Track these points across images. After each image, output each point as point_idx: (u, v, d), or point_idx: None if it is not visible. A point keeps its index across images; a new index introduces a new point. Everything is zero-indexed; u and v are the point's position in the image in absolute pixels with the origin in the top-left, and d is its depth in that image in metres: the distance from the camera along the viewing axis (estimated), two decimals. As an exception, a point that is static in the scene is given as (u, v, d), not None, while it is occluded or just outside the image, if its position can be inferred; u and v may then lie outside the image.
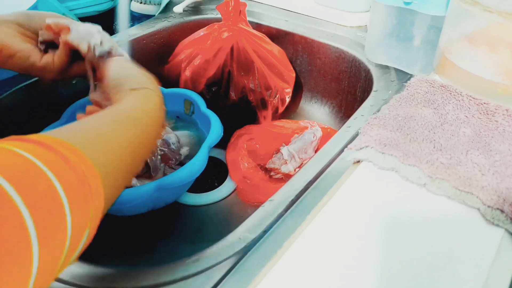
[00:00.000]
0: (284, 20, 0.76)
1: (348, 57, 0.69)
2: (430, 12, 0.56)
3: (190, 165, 0.49)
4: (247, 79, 0.68)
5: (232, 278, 0.35)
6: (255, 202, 0.59)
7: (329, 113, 0.76)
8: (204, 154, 0.51)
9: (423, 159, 0.43)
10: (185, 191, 0.58)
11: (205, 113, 0.58)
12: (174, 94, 0.62)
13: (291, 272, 0.35)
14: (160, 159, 0.54)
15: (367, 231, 0.38)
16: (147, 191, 0.46)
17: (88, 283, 0.36)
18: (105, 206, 0.28)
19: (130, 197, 0.45)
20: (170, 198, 0.55)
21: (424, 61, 0.59)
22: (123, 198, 0.44)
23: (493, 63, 0.52)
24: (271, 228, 0.39)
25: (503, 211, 0.38)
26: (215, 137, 0.53)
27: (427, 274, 0.34)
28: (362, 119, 0.52)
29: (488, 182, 0.40)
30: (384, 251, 0.36)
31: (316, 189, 0.43)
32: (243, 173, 0.62)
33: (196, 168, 0.49)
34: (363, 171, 0.44)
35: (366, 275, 0.34)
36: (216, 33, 0.66)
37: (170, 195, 0.54)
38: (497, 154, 0.44)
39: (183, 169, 0.49)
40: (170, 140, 0.56)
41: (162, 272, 0.36)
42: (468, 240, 0.37)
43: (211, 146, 0.52)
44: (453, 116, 0.49)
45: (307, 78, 0.77)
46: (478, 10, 0.49)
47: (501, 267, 0.35)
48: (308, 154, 0.63)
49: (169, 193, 0.52)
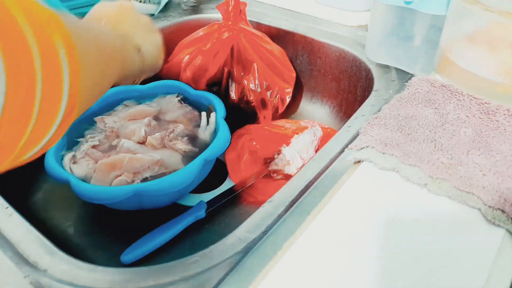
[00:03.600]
0: (285, 20, 0.76)
1: (348, 57, 0.68)
2: (431, 12, 0.55)
3: (174, 176, 0.49)
4: (247, 79, 0.68)
5: (232, 278, 0.35)
6: (255, 202, 0.59)
7: (330, 113, 0.76)
8: (195, 166, 0.50)
9: (424, 159, 0.43)
10: (180, 197, 0.57)
11: (218, 123, 0.58)
12: (202, 96, 0.63)
13: (291, 272, 0.35)
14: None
15: (368, 231, 0.38)
16: (123, 194, 0.47)
17: (88, 283, 0.36)
18: (80, 101, 0.29)
19: (106, 196, 0.47)
20: (159, 202, 0.55)
21: (425, 60, 0.59)
22: (101, 195, 0.47)
23: (494, 62, 0.52)
24: (271, 229, 0.39)
25: (504, 211, 0.38)
26: (215, 152, 0.53)
27: (428, 274, 0.34)
28: (363, 119, 0.52)
29: (489, 182, 0.40)
30: (384, 251, 0.36)
31: (316, 189, 0.43)
32: (243, 173, 0.62)
33: (180, 180, 0.49)
34: (363, 171, 0.44)
35: (366, 275, 0.34)
36: (216, 33, 0.66)
37: (155, 200, 0.53)
38: (498, 154, 0.44)
39: (166, 179, 0.48)
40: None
41: (162, 272, 0.36)
42: (469, 240, 0.37)
43: (208, 159, 0.51)
44: (454, 116, 0.49)
45: (307, 77, 0.77)
46: (479, 10, 0.49)
47: (502, 268, 0.35)
48: (309, 154, 0.62)
49: (153, 199, 0.52)
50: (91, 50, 0.33)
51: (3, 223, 0.42)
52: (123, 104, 0.64)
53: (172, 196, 0.55)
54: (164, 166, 0.53)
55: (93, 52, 0.34)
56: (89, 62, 0.32)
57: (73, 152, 0.54)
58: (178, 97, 0.64)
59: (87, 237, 0.55)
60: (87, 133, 0.58)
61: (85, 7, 0.90)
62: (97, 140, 0.56)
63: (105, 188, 0.49)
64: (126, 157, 0.52)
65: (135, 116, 0.60)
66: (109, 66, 0.39)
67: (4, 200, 0.44)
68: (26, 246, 0.39)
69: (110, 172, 0.51)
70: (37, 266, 0.37)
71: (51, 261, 0.38)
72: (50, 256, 0.38)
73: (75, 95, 0.28)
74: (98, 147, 0.56)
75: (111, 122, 0.59)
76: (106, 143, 0.56)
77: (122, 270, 0.37)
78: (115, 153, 0.54)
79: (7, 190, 0.50)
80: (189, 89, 0.65)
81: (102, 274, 0.37)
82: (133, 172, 0.51)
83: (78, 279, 0.36)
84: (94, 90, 0.35)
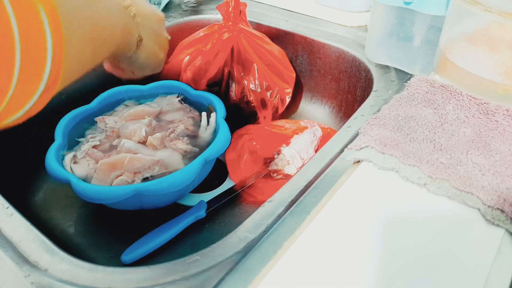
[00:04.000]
0: (284, 20, 0.76)
1: (348, 57, 0.69)
2: (430, 12, 0.55)
3: (174, 176, 0.49)
4: (247, 80, 0.68)
5: (232, 278, 0.35)
6: (255, 202, 0.59)
7: (329, 113, 0.76)
8: (195, 166, 0.50)
9: (423, 159, 0.43)
10: (180, 197, 0.57)
11: (218, 123, 0.58)
12: (203, 97, 0.63)
13: (291, 272, 0.35)
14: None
15: (367, 231, 0.38)
16: (124, 194, 0.47)
17: (88, 283, 0.36)
18: (65, 73, 0.29)
19: (107, 196, 0.47)
20: (159, 202, 0.55)
21: (424, 61, 0.59)
22: (102, 195, 0.47)
23: (494, 63, 0.52)
24: (271, 228, 0.39)
25: (504, 211, 0.38)
26: (215, 152, 0.53)
27: (427, 274, 0.34)
28: (362, 119, 0.52)
29: (489, 182, 0.40)
30: (384, 251, 0.36)
31: (316, 189, 0.43)
32: (243, 173, 0.62)
33: (180, 180, 0.49)
34: (363, 171, 0.44)
35: (366, 275, 0.34)
36: (216, 34, 0.66)
37: (156, 200, 0.54)
38: (497, 154, 0.44)
39: (166, 179, 0.48)
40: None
41: (163, 272, 0.36)
42: (468, 240, 0.37)
43: (208, 159, 0.52)
44: (453, 116, 0.49)
45: (307, 78, 0.77)
46: (478, 10, 0.49)
47: (501, 267, 0.35)
48: (309, 154, 0.63)
49: (154, 199, 0.52)
50: (80, 21, 0.33)
51: (4, 223, 0.42)
52: (124, 104, 0.64)
53: (172, 196, 0.55)
54: (164, 166, 0.53)
55: (82, 24, 0.33)
56: (77, 33, 0.32)
57: (74, 152, 0.54)
58: (179, 97, 0.64)
59: (87, 236, 0.55)
60: (87, 133, 0.59)
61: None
62: (98, 140, 0.56)
63: (106, 188, 0.49)
64: (127, 157, 0.52)
65: (135, 116, 0.60)
66: (102, 39, 0.39)
67: (5, 200, 0.45)
68: (27, 245, 0.39)
69: (111, 172, 0.51)
70: (37, 266, 0.37)
71: (52, 261, 0.38)
72: (51, 256, 0.38)
73: (59, 64, 0.28)
74: (98, 147, 0.56)
75: (112, 122, 0.60)
76: (107, 143, 0.56)
77: (123, 270, 0.37)
78: (116, 153, 0.54)
79: (8, 190, 0.50)
80: (189, 89, 0.65)
81: (102, 274, 0.37)
82: (134, 172, 0.51)
83: (79, 279, 0.36)
84: (82, 61, 0.35)
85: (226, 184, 0.61)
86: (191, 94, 0.65)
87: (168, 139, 0.56)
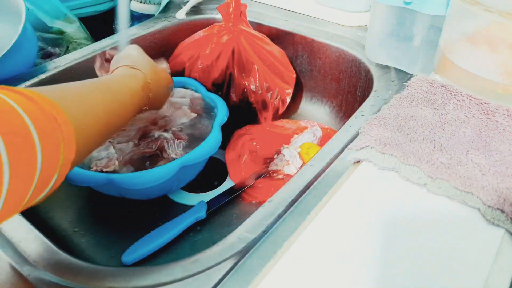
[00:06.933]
0: (285, 20, 0.76)
1: (348, 57, 0.69)
2: (431, 12, 0.55)
3: (207, 142, 0.53)
4: (248, 81, 0.68)
5: (232, 278, 0.35)
6: (255, 202, 0.59)
7: (329, 113, 0.76)
8: (217, 132, 0.55)
9: (423, 159, 0.43)
10: (161, 194, 0.59)
11: (207, 96, 0.62)
12: (211, 98, 0.64)
13: (291, 272, 0.35)
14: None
15: (367, 230, 0.38)
16: (97, 180, 0.48)
17: (88, 283, 0.36)
18: (77, 157, 0.33)
19: (82, 179, 0.48)
20: (137, 195, 0.57)
21: (425, 61, 0.59)
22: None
23: (494, 63, 0.52)
24: (271, 228, 0.39)
25: (504, 211, 0.38)
26: (223, 116, 0.58)
27: (428, 274, 0.34)
28: (362, 119, 0.52)
29: (489, 182, 0.40)
30: (384, 251, 0.36)
31: (316, 189, 0.43)
32: (243, 173, 0.62)
33: (214, 143, 0.54)
34: (363, 171, 0.44)
35: (366, 274, 0.34)
36: (215, 38, 0.66)
37: (133, 193, 0.55)
38: (497, 154, 0.44)
39: (202, 145, 0.52)
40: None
41: (162, 272, 0.36)
42: (468, 240, 0.37)
43: (221, 124, 0.56)
44: (453, 116, 0.49)
45: (307, 78, 0.77)
46: (478, 10, 0.49)
47: (502, 267, 0.35)
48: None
49: (129, 191, 0.54)
50: (90, 122, 0.37)
51: (4, 223, 0.42)
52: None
53: (151, 192, 0.56)
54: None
55: (92, 123, 0.37)
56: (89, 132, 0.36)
57: None
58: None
59: (87, 236, 0.55)
60: None
61: (85, 7, 0.91)
62: None
63: (82, 172, 0.49)
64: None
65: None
66: (117, 124, 0.42)
67: (5, 200, 0.45)
68: (27, 245, 0.39)
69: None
70: (37, 266, 0.37)
71: (52, 261, 0.38)
72: (51, 256, 0.38)
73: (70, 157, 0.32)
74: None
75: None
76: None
77: (122, 270, 0.37)
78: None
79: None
80: (201, 88, 0.65)
81: (102, 274, 0.37)
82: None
83: (79, 279, 0.36)
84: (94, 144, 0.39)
85: (226, 184, 0.61)
86: (202, 93, 0.64)
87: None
